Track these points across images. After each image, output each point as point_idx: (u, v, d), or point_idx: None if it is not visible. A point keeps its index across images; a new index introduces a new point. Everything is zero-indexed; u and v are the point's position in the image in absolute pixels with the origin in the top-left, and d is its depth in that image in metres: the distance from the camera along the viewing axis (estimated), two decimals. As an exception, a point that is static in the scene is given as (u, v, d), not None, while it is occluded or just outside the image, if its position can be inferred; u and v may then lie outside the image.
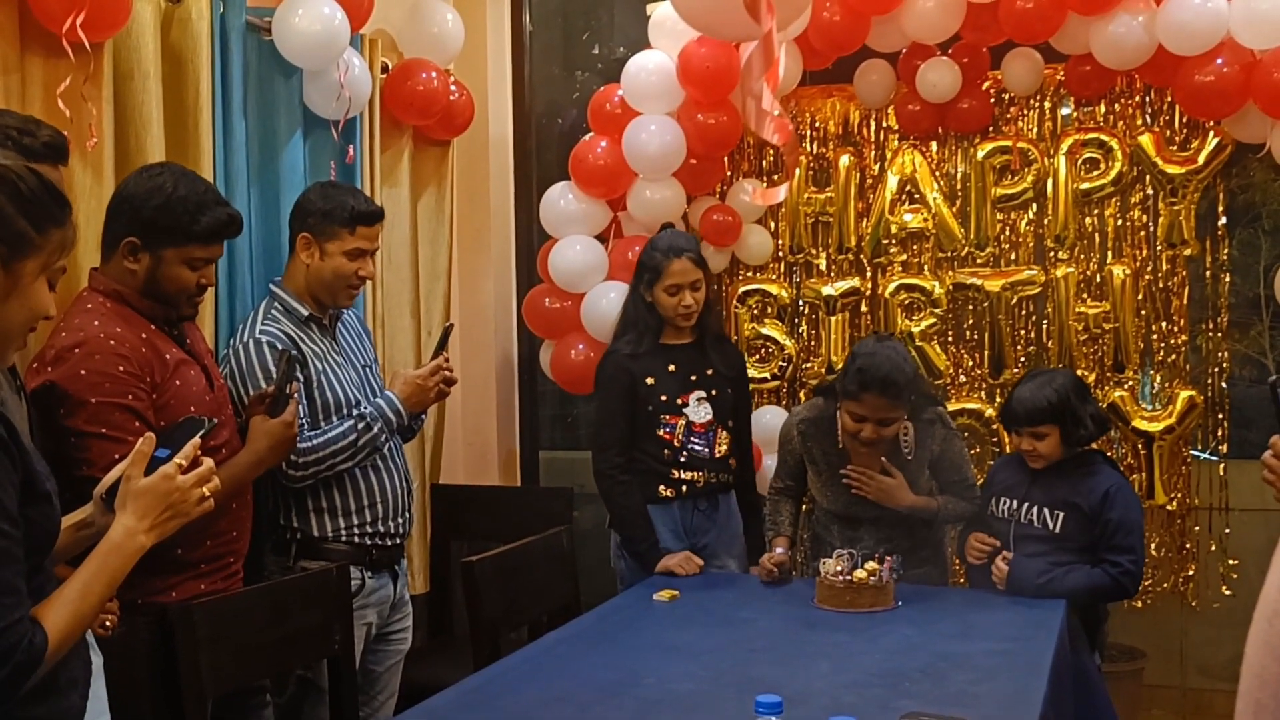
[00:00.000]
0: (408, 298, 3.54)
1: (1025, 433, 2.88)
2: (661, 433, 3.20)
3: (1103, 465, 2.92)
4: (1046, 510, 2.86)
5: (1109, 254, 3.79)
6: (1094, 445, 2.96)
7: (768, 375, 4.07)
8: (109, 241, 2.26)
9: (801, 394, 4.06)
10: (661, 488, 3.20)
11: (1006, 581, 2.80)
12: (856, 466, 3.02)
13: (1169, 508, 3.72)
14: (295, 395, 2.50)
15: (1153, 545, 3.69)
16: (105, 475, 1.72)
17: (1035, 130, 3.87)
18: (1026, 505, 2.90)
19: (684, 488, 3.21)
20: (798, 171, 4.00)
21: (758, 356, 4.08)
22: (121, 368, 2.15)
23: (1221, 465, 3.72)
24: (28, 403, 1.99)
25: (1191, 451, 3.75)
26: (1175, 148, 3.73)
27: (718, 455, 3.25)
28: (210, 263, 2.32)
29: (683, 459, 3.20)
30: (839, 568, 2.76)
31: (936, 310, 3.92)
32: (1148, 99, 3.75)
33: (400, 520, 2.83)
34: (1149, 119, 3.76)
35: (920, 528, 3.06)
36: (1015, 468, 2.99)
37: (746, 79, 3.26)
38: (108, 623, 2.07)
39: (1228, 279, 3.71)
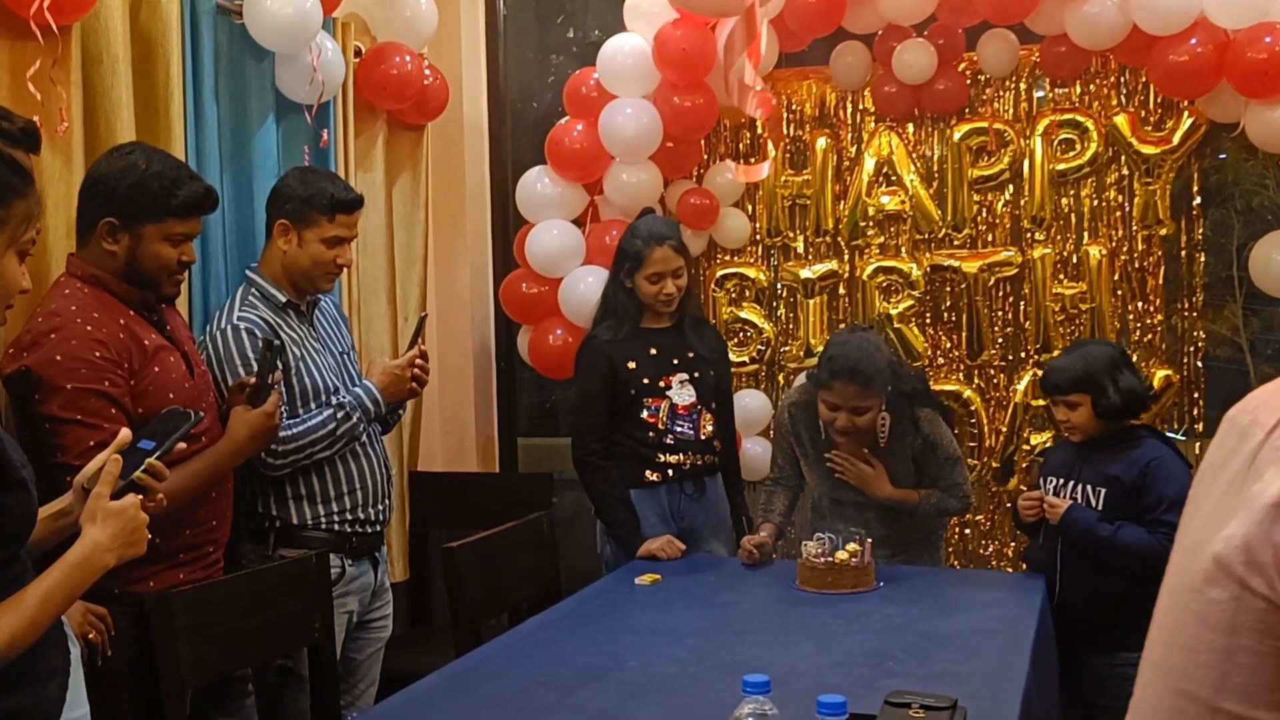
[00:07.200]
0: (383, 284, 3.51)
1: (1058, 402, 2.85)
2: (645, 416, 3.18)
3: (1147, 438, 2.82)
4: (1090, 487, 2.78)
5: (1085, 234, 3.80)
6: (1143, 419, 2.90)
7: (746, 359, 4.07)
8: (85, 225, 2.22)
9: (780, 377, 4.07)
10: (647, 472, 3.18)
11: (1062, 516, 2.75)
12: (840, 452, 3.03)
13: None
14: (277, 385, 2.46)
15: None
16: (80, 463, 1.70)
17: (1011, 111, 3.88)
18: (1073, 484, 2.83)
19: (670, 471, 3.19)
20: (774, 154, 3.99)
21: (736, 340, 4.08)
22: (98, 353, 2.11)
23: (1196, 445, 3.74)
24: (3, 389, 1.96)
25: (1167, 431, 3.77)
26: (1150, 128, 3.74)
27: (703, 437, 3.23)
28: (190, 238, 2.29)
29: (668, 441, 3.19)
30: (820, 549, 2.76)
31: (914, 292, 3.93)
32: (1123, 79, 3.77)
33: (380, 507, 2.81)
34: (1124, 99, 3.77)
35: (907, 517, 3.05)
36: (1066, 447, 2.94)
37: (729, 54, 3.24)
38: (98, 638, 2.05)
39: (1202, 258, 3.73)
